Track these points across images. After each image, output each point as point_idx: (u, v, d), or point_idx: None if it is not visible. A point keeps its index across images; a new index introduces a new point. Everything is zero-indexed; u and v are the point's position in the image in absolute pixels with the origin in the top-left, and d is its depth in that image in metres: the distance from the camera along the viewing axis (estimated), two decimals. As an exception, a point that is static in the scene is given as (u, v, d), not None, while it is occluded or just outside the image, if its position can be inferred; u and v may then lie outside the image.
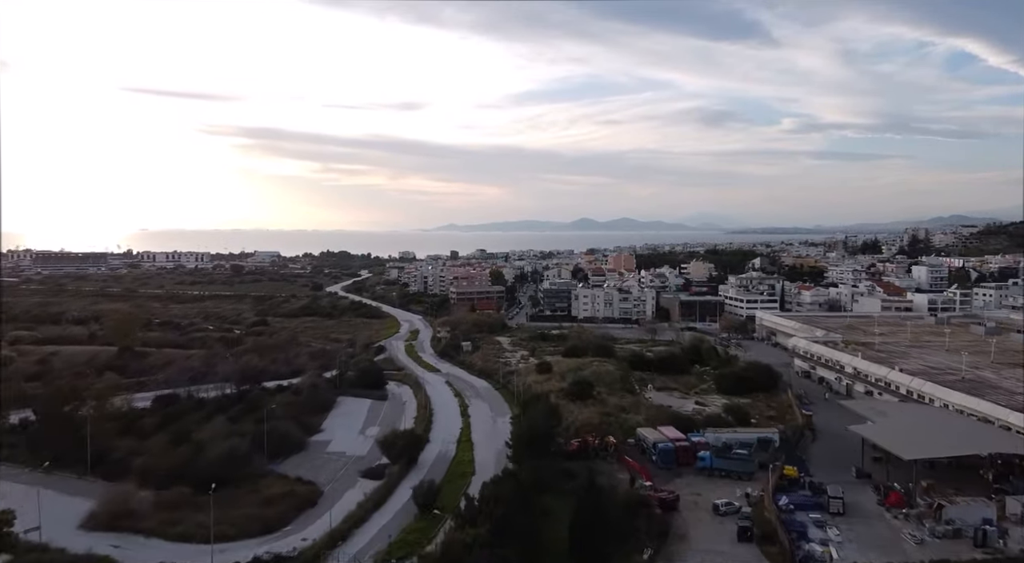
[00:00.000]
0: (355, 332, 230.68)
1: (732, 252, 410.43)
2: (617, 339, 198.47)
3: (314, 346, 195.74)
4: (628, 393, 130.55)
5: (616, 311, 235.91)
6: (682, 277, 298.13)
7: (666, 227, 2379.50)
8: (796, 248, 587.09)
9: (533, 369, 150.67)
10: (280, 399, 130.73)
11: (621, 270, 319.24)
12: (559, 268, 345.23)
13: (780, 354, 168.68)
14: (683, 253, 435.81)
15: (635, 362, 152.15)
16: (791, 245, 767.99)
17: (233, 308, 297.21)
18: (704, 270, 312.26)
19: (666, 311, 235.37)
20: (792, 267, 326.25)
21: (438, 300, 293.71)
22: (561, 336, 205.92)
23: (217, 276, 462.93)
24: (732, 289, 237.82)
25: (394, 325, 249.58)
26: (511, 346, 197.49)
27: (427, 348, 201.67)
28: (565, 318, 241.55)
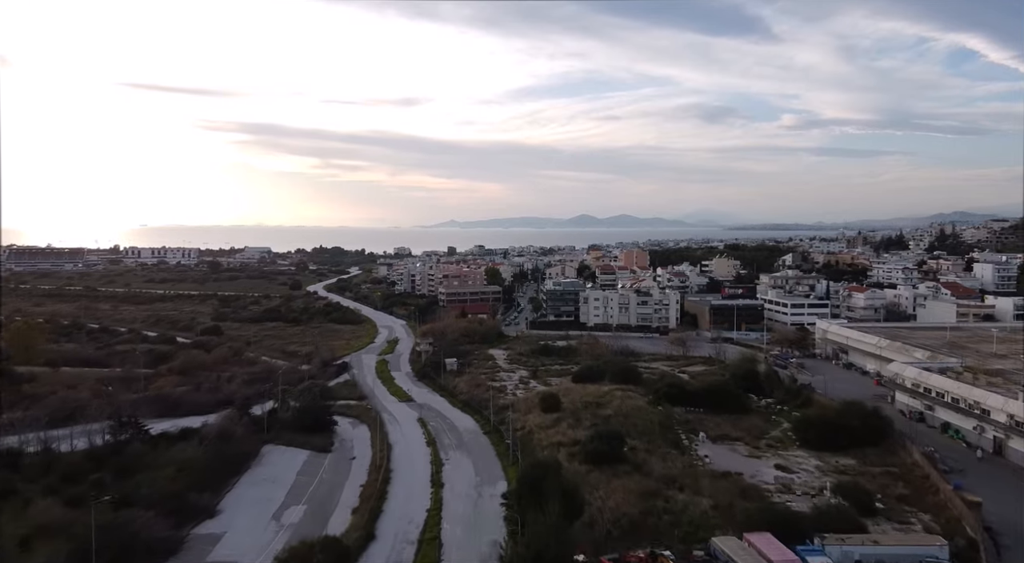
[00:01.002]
0: (321, 342, 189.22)
1: (755, 248, 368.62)
2: (639, 354, 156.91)
3: (261, 364, 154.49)
4: (673, 447, 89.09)
5: (633, 317, 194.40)
6: (704, 276, 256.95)
7: (665, 224, 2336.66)
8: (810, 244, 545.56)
9: (536, 403, 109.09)
10: (172, 455, 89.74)
11: (633, 268, 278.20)
12: (563, 265, 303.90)
13: (861, 381, 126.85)
14: (701, 249, 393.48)
15: (672, 393, 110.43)
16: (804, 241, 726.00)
17: (192, 310, 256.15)
18: (729, 268, 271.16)
19: (693, 317, 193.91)
20: (827, 265, 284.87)
21: (425, 302, 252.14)
22: (569, 350, 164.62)
23: (194, 274, 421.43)
24: (771, 291, 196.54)
25: (370, 333, 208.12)
26: (508, 362, 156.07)
27: (404, 365, 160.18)
28: (572, 325, 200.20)
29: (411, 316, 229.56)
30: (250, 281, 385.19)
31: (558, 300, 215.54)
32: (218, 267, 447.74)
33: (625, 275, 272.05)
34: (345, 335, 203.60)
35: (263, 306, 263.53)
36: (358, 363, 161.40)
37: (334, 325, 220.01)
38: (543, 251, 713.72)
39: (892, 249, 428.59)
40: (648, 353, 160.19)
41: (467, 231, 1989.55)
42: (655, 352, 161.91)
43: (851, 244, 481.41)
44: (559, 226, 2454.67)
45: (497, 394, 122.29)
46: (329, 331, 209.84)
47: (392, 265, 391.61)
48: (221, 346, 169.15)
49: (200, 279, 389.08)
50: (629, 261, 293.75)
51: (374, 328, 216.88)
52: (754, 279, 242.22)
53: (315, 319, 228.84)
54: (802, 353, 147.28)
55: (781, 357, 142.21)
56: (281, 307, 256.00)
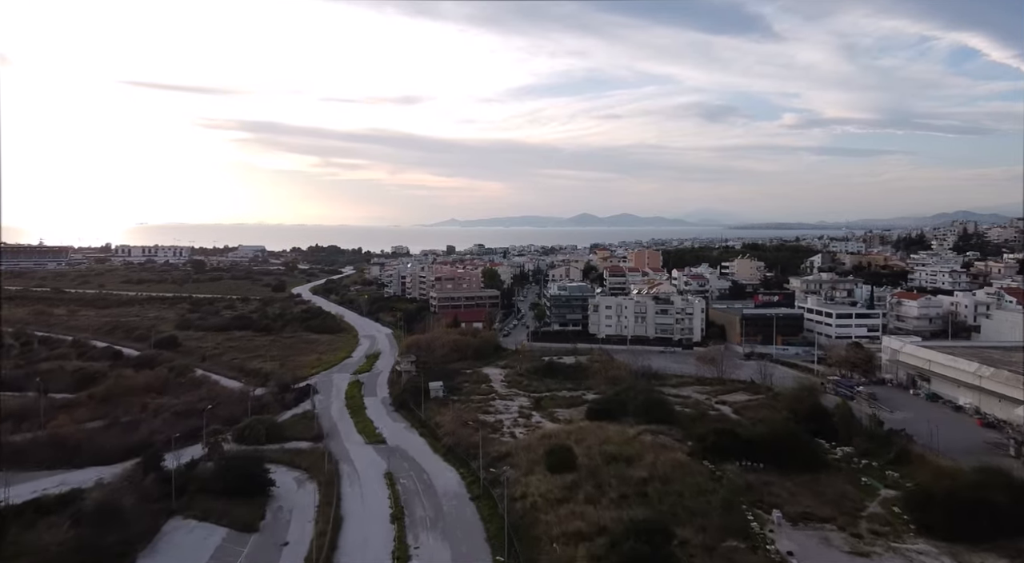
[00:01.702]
0: (288, 357, 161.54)
1: (775, 247, 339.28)
2: (663, 376, 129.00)
3: (208, 386, 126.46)
4: (739, 537, 61.01)
5: (651, 328, 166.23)
6: (726, 279, 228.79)
7: (667, 223, 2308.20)
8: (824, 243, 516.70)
9: (541, 456, 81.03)
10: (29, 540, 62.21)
11: (645, 269, 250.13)
12: (567, 266, 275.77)
13: (957, 421, 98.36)
14: (717, 249, 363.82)
15: (722, 442, 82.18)
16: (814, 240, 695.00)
17: (157, 316, 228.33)
18: (752, 270, 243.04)
19: (720, 329, 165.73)
20: (858, 267, 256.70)
21: (414, 307, 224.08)
22: (578, 369, 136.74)
23: (177, 274, 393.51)
24: (810, 298, 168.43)
25: (349, 344, 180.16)
26: (505, 386, 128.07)
27: (381, 388, 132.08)
28: (580, 336, 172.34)
29: (398, 324, 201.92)
30: (233, 282, 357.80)
31: (564, 307, 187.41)
32: (202, 267, 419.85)
33: (636, 278, 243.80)
34: (320, 347, 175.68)
35: (237, 311, 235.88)
36: (327, 385, 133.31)
37: (309, 335, 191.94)
38: (544, 250, 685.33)
39: (913, 248, 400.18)
40: (674, 374, 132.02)
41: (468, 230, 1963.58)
42: (682, 373, 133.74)
43: (869, 243, 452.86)
44: (560, 225, 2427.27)
45: (490, 434, 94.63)
46: (302, 342, 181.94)
47: (384, 265, 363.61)
48: (166, 364, 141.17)
49: (181, 279, 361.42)
50: (640, 262, 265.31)
51: (354, 338, 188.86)
52: (782, 283, 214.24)
53: (289, 327, 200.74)
54: (868, 379, 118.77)
55: (843, 384, 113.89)
56: (255, 312, 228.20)
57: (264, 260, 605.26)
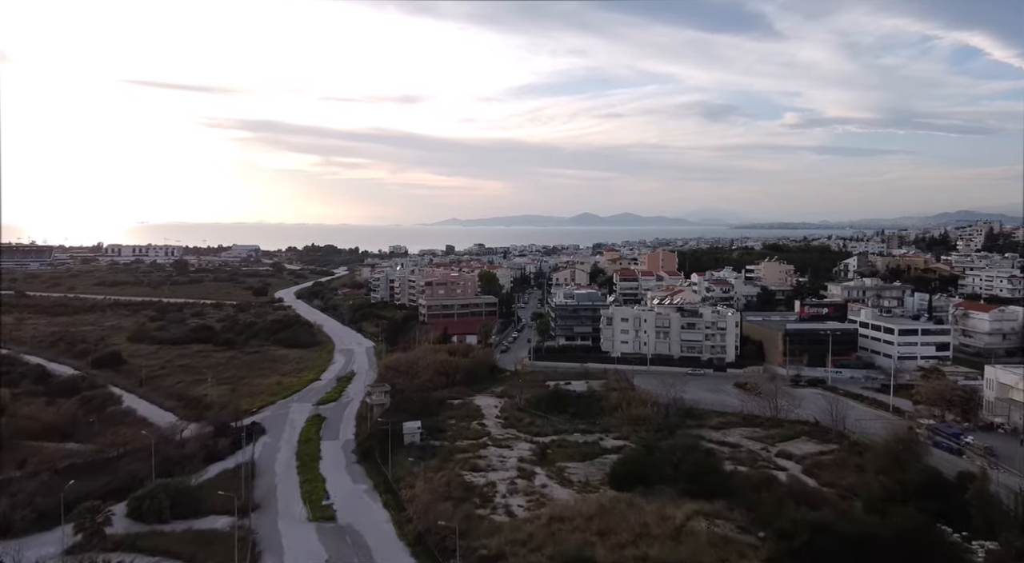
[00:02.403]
0: (244, 379, 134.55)
1: (800, 249, 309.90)
2: (701, 414, 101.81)
3: (129, 425, 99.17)
4: None
5: (675, 345, 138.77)
6: (752, 284, 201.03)
7: (669, 222, 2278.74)
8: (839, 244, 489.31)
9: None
10: None
11: (659, 273, 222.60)
12: (572, 269, 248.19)
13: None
14: (737, 249, 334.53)
15: (817, 544, 54.86)
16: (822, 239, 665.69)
17: (114, 325, 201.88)
18: (781, 274, 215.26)
19: (757, 346, 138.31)
20: (896, 270, 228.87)
21: (401, 316, 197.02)
22: (591, 400, 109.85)
23: (157, 276, 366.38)
24: (864, 310, 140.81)
25: (320, 363, 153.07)
26: (501, 424, 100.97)
27: (346, 427, 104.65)
28: (590, 354, 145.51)
29: (381, 336, 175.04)
30: (214, 285, 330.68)
31: (571, 318, 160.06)
32: (185, 268, 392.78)
33: (650, 282, 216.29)
34: (285, 366, 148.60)
35: (206, 319, 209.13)
36: (279, 422, 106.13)
37: (277, 350, 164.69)
38: (546, 250, 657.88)
39: (936, 249, 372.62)
40: (713, 410, 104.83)
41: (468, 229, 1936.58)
42: (722, 407, 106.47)
43: (888, 243, 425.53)
44: (561, 224, 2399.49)
45: (477, 509, 67.87)
46: (267, 359, 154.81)
47: (376, 266, 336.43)
48: (87, 393, 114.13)
49: (159, 282, 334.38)
50: (653, 265, 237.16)
51: (329, 354, 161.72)
52: (817, 289, 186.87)
53: (256, 339, 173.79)
54: (971, 423, 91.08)
55: (943, 432, 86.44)
56: (224, 321, 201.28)
57: (256, 260, 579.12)
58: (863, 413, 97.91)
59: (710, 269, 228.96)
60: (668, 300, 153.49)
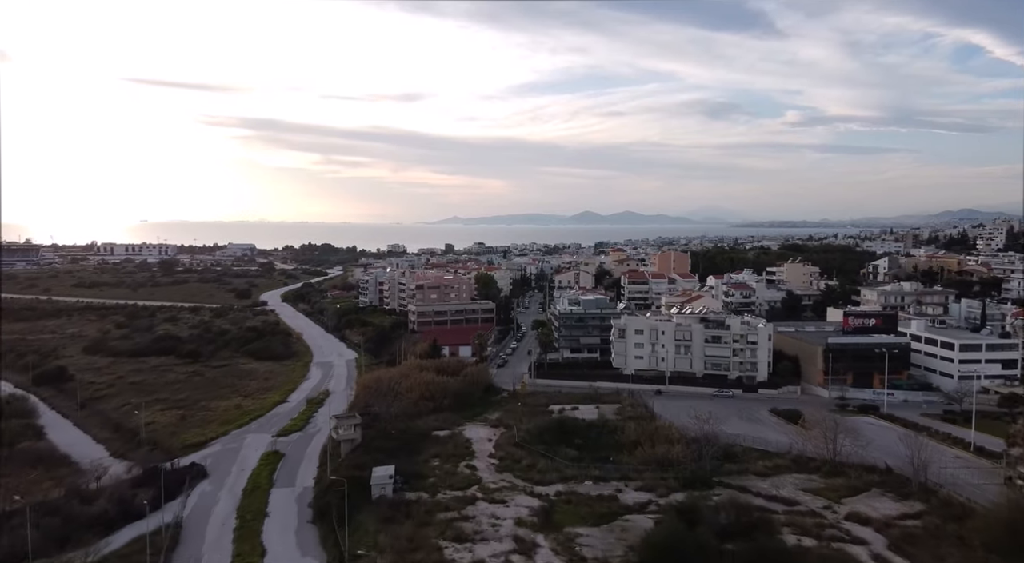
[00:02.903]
0: (200, 401, 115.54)
1: (820, 249, 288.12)
2: (741, 457, 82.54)
3: (44, 465, 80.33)
4: None
5: (698, 361, 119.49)
6: (774, 288, 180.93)
7: (670, 221, 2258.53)
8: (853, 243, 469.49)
9: None
10: None
11: (671, 275, 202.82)
12: (575, 271, 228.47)
13: None
14: (753, 249, 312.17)
15: None
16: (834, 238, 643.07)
17: (75, 333, 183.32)
18: (806, 277, 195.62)
19: (791, 362, 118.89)
20: (929, 272, 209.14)
21: (389, 323, 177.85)
22: (603, 430, 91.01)
23: (141, 276, 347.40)
24: (915, 322, 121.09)
25: (293, 378, 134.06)
26: (495, 467, 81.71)
27: (307, 468, 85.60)
28: (599, 370, 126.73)
29: (365, 346, 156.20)
30: (199, 285, 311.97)
31: (576, 328, 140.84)
32: (172, 268, 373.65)
33: (661, 286, 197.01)
34: (252, 383, 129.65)
35: (179, 324, 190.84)
36: (226, 462, 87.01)
37: (247, 363, 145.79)
38: (547, 249, 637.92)
39: (955, 248, 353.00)
40: (754, 447, 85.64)
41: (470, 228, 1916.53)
42: (763, 443, 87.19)
43: (903, 242, 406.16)
44: (562, 223, 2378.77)
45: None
46: (232, 375, 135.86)
47: (368, 266, 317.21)
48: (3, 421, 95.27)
49: (141, 283, 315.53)
50: (665, 266, 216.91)
51: (304, 368, 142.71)
52: (849, 294, 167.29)
53: (226, 350, 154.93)
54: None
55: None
56: (196, 328, 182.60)
57: (251, 259, 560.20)
58: (937, 452, 78.65)
59: (726, 271, 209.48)
60: (687, 308, 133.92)
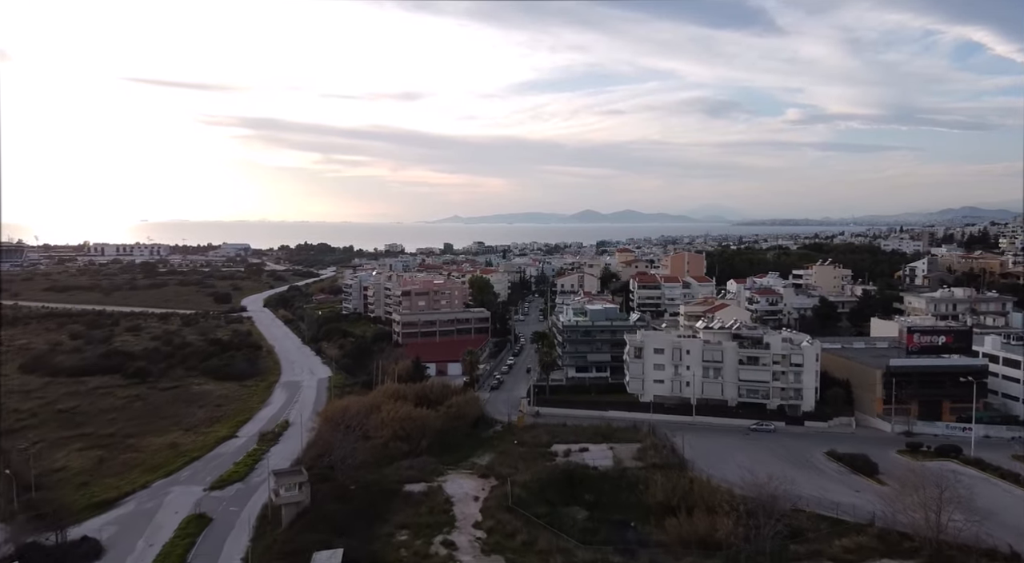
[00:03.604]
0: (130, 437, 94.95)
1: (844, 248, 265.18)
2: (809, 535, 61.47)
3: None
4: None
5: (731, 387, 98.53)
6: (805, 294, 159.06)
7: (671, 219, 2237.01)
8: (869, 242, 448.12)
9: None
10: None
11: (686, 279, 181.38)
12: (579, 274, 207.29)
13: None
14: (772, 250, 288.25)
15: None
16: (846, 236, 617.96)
17: (24, 344, 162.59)
18: (837, 280, 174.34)
19: (842, 387, 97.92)
20: (970, 275, 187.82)
21: (372, 334, 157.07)
22: (622, 484, 70.44)
23: (121, 279, 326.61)
24: (989, 339, 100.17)
25: (251, 403, 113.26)
26: (480, 544, 60.70)
27: (236, 541, 64.90)
28: (611, 394, 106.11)
29: (344, 361, 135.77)
30: (179, 289, 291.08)
31: (583, 343, 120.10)
32: (154, 270, 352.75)
33: (675, 290, 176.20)
34: (203, 409, 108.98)
35: (140, 334, 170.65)
36: (134, 529, 66.10)
37: (203, 383, 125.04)
38: (547, 249, 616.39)
39: (975, 247, 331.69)
40: (820, 513, 64.78)
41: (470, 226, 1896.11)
42: (831, 504, 66.31)
43: (919, 241, 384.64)
44: (563, 222, 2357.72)
45: None
46: (181, 399, 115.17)
47: (359, 268, 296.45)
48: None
49: (118, 286, 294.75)
50: (678, 268, 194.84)
51: (267, 391, 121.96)
52: (890, 301, 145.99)
53: (182, 367, 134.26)
54: None
55: None
56: (163, 337, 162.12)
57: (243, 259, 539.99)
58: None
59: (745, 273, 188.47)
60: (714, 320, 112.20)
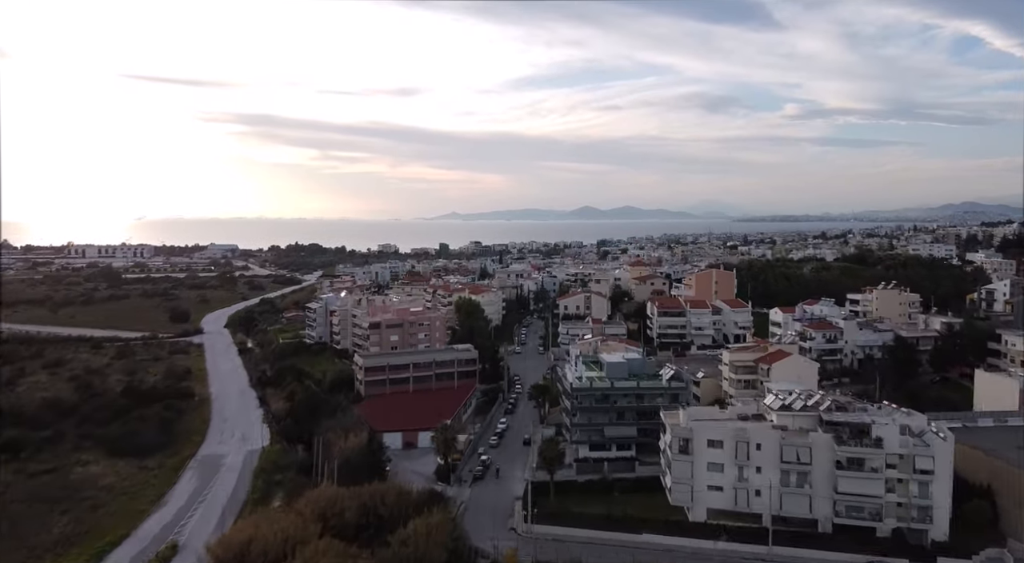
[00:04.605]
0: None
1: (891, 260, 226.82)
2: None
3: None
4: None
5: (823, 502, 66.22)
6: (872, 328, 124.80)
7: (670, 215, 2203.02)
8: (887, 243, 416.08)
9: None
10: None
11: (716, 303, 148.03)
12: (585, 293, 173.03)
13: None
14: (812, 262, 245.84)
15: None
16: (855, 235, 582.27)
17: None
18: (903, 307, 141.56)
19: (983, 497, 66.23)
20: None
21: (331, 379, 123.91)
22: None
23: (79, 290, 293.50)
24: None
25: (137, 505, 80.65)
26: None
27: None
28: (639, 494, 73.91)
29: (285, 423, 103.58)
30: (139, 302, 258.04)
31: (598, 410, 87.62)
32: (117, 278, 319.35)
33: (704, 318, 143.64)
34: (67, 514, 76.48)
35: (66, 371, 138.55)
36: None
37: (89, 462, 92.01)
38: (547, 250, 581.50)
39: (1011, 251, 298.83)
40: None
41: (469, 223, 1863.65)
42: None
43: (944, 242, 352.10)
44: (562, 218, 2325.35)
45: None
46: (46, 494, 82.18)
47: (337, 280, 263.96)
48: None
49: (71, 299, 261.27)
50: (704, 288, 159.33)
51: (172, 474, 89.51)
52: (984, 341, 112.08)
53: (76, 432, 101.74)
54: None
55: None
56: (77, 380, 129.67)
57: (228, 262, 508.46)
58: None
59: (781, 293, 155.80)
60: (791, 398, 78.10)
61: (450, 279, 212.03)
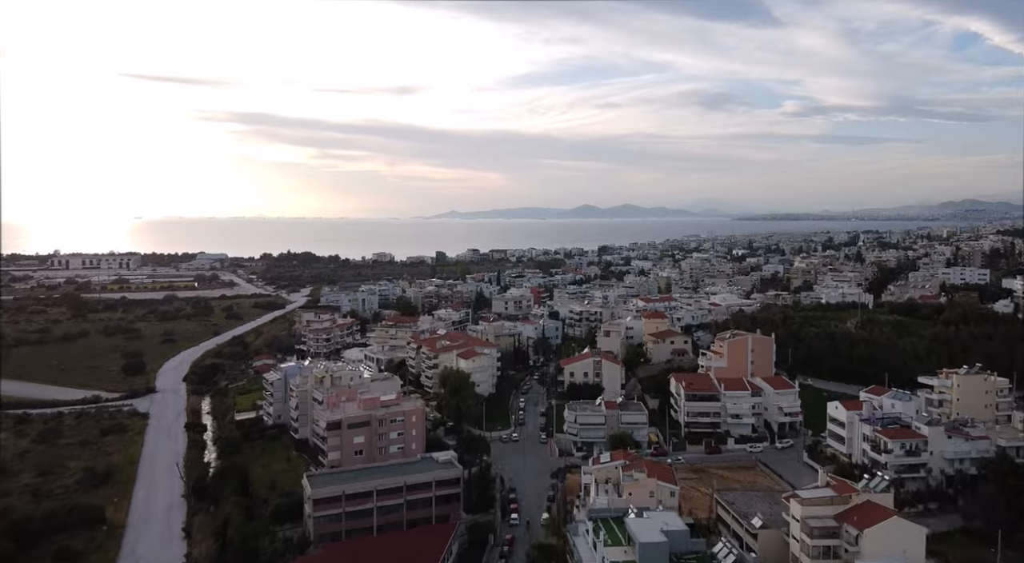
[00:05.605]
0: None
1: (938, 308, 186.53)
2: None
3: None
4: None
5: None
6: (964, 436, 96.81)
7: (670, 213, 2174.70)
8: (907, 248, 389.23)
9: None
10: None
11: (754, 380, 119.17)
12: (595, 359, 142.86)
13: None
14: (845, 305, 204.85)
15: None
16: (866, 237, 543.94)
17: None
18: (989, 395, 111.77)
19: None
20: None
21: (272, 509, 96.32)
22: None
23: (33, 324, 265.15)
24: None
25: None
26: None
27: None
28: None
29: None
30: (96, 343, 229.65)
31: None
32: (82, 307, 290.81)
33: (742, 403, 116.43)
34: None
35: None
36: None
37: None
38: (547, 260, 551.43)
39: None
40: None
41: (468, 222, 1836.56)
42: None
43: (972, 261, 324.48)
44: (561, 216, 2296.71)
45: None
46: None
47: (321, 311, 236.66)
48: None
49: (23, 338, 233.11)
50: (738, 361, 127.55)
51: None
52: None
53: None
54: None
55: None
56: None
57: (212, 277, 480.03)
58: None
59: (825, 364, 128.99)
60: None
61: (439, 326, 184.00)
